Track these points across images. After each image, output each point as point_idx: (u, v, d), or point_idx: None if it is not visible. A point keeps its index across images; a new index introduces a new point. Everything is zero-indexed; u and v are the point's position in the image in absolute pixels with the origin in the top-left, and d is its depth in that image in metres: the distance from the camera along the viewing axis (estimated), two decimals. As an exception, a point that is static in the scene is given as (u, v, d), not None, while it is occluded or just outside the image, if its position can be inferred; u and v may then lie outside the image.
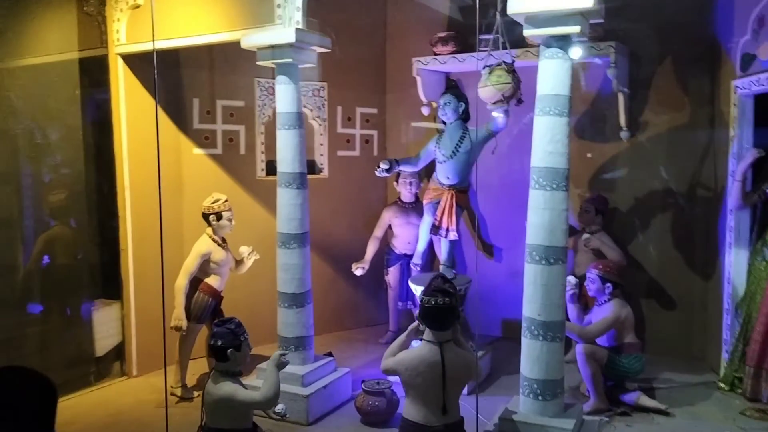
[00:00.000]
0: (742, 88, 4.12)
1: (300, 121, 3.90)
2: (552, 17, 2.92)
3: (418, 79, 5.19)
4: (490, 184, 5.34)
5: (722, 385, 4.18)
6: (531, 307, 3.12)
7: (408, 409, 2.98)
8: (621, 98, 4.76)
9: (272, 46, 3.74)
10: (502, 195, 5.35)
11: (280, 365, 3.18)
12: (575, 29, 2.91)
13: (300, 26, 3.69)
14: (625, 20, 4.62)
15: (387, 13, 5.88)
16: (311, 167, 5.60)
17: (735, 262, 4.24)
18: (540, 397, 3.11)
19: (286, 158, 3.89)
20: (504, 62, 3.85)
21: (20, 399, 1.77)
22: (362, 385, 3.87)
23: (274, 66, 3.87)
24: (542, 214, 3.07)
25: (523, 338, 3.18)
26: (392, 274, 5.35)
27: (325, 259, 5.58)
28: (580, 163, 5.14)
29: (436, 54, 5.09)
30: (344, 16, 5.44)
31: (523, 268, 3.23)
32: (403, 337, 3.15)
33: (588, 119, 5.09)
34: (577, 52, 3.05)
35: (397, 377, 3.01)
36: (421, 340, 2.97)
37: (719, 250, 4.50)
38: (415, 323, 3.11)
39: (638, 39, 4.76)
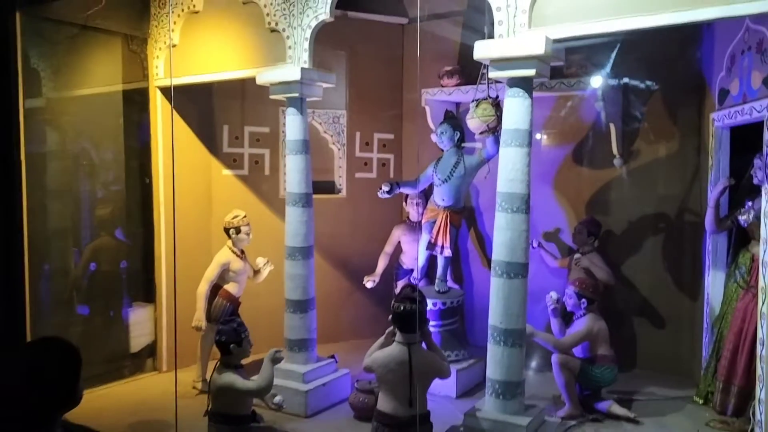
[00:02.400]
0: (718, 120, 4.41)
1: (306, 147, 4.41)
2: (510, 62, 3.34)
3: (427, 108, 5.65)
4: (492, 206, 5.71)
5: (696, 398, 4.42)
6: (494, 316, 3.51)
7: (381, 401, 3.42)
8: (613, 128, 5.09)
9: (282, 83, 4.28)
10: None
11: (275, 360, 3.67)
12: (531, 72, 3.32)
13: (306, 65, 4.22)
14: (617, 55, 4.96)
15: (404, 46, 6.36)
16: (331, 188, 6.14)
17: (712, 283, 4.50)
18: (501, 397, 3.48)
19: (294, 180, 4.41)
20: (489, 97, 4.28)
21: (47, 363, 2.05)
22: (356, 384, 4.31)
23: (285, 99, 4.41)
24: (504, 234, 3.47)
25: (488, 344, 3.56)
26: (401, 287, 5.76)
27: (342, 271, 6.06)
28: (577, 187, 5.50)
29: (442, 86, 5.54)
30: (364, 48, 5.97)
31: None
32: (381, 339, 3.59)
33: (584, 148, 5.43)
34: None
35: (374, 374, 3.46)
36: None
37: (702, 272, 4.75)
38: (391, 327, 3.54)
39: (630, 73, 5.09)
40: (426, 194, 5.59)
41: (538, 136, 5.59)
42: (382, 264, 5.77)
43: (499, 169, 3.53)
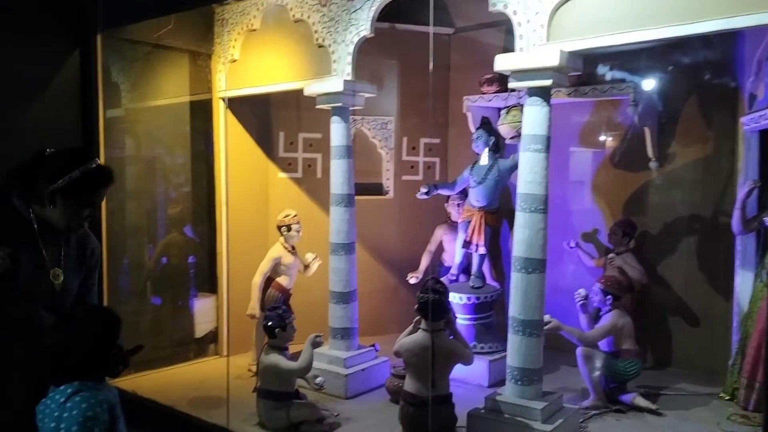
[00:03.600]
0: (747, 124, 4.52)
1: (349, 152, 4.82)
2: (528, 73, 3.63)
3: (468, 114, 5.95)
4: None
5: (723, 395, 4.54)
6: (514, 308, 3.79)
7: (407, 383, 3.78)
8: (647, 132, 5.25)
9: (327, 94, 4.71)
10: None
11: (315, 344, 4.09)
12: (547, 83, 3.59)
13: (349, 78, 4.62)
14: (651, 60, 5.13)
15: (450, 54, 6.68)
16: (379, 189, 6.54)
17: (741, 283, 4.61)
18: (519, 383, 3.76)
19: (338, 182, 4.83)
20: (519, 104, 4.56)
21: (89, 325, 2.40)
22: (392, 370, 4.68)
23: (330, 109, 4.83)
24: (523, 232, 3.74)
25: (508, 334, 3.85)
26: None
27: (388, 268, 6.44)
28: (613, 189, 5.68)
29: (483, 93, 5.82)
30: (412, 58, 6.32)
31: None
32: (410, 327, 3.94)
33: (621, 151, 5.59)
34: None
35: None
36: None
37: (733, 272, 4.85)
38: (418, 317, 3.89)
39: (664, 78, 5.23)
40: (466, 195, 5.89)
41: (575, 140, 5.81)
42: (425, 261, 6.10)
43: (519, 172, 3.82)
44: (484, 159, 5.16)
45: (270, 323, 4.07)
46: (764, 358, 4.02)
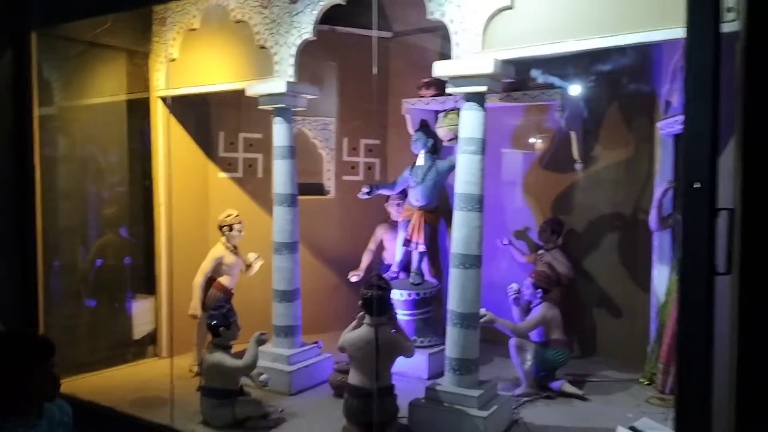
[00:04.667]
0: (663, 129, 4.89)
1: (292, 153, 4.91)
2: (464, 79, 3.83)
3: (407, 117, 6.13)
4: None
5: (642, 380, 4.90)
6: (452, 302, 3.99)
7: (351, 376, 3.91)
8: (573, 136, 5.57)
9: (269, 95, 4.78)
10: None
11: (259, 342, 4.16)
12: (482, 89, 3.80)
13: (292, 79, 4.71)
14: (578, 68, 5.45)
15: (389, 57, 6.85)
16: (320, 189, 6.64)
17: (658, 276, 4.99)
18: (457, 372, 3.97)
19: (280, 182, 4.91)
20: (456, 108, 4.76)
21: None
22: (335, 366, 4.80)
23: (272, 109, 4.90)
24: (461, 230, 3.95)
25: (447, 326, 4.04)
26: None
27: (330, 267, 6.54)
28: (543, 189, 5.99)
29: (421, 96, 6.01)
30: (352, 61, 6.45)
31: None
32: (354, 323, 4.07)
33: (549, 153, 5.91)
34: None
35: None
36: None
37: (651, 266, 5.23)
38: (362, 312, 4.02)
39: (590, 85, 5.56)
40: (406, 195, 6.07)
41: (508, 142, 6.09)
42: (366, 260, 6.25)
43: (456, 173, 4.01)
44: (421, 160, 5.35)
45: (214, 322, 4.12)
46: (678, 345, 4.37)
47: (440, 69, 3.90)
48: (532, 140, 6.01)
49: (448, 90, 3.96)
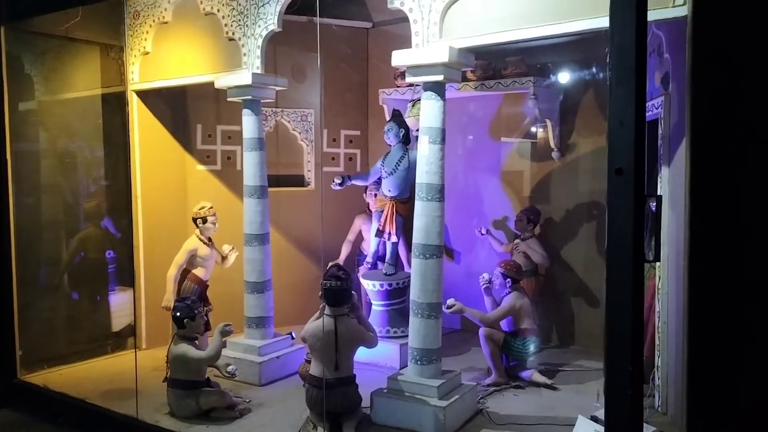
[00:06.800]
0: (634, 116, 4.83)
1: (261, 144, 4.91)
2: (422, 68, 3.81)
3: (385, 107, 6.12)
4: (449, 197, 6.18)
5: (614, 369, 4.87)
6: (413, 292, 3.98)
7: (312, 366, 3.92)
8: (549, 124, 5.54)
9: (236, 86, 4.78)
10: (460, 207, 6.18)
11: (224, 333, 4.18)
12: (439, 78, 3.78)
13: (258, 71, 4.70)
14: (553, 56, 5.41)
15: (368, 48, 6.83)
16: (300, 181, 6.64)
17: (631, 265, 4.93)
18: (419, 362, 3.97)
19: (250, 174, 4.91)
20: (424, 97, 4.73)
21: None
22: (306, 356, 4.80)
23: (241, 101, 4.90)
24: (421, 220, 3.94)
25: (409, 317, 4.04)
26: (362, 272, 6.26)
27: (310, 258, 6.55)
28: (521, 179, 5.96)
29: (397, 86, 6.00)
30: (332, 51, 6.44)
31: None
32: (316, 314, 4.08)
33: (526, 142, 5.88)
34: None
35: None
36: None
37: (626, 255, 5.18)
38: (323, 303, 4.03)
39: (565, 73, 5.52)
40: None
41: (486, 132, 6.06)
42: (345, 251, 6.26)
43: (416, 163, 4.00)
44: (394, 150, 5.33)
45: (178, 314, 4.14)
46: (651, 334, 4.35)
47: (398, 58, 3.88)
48: (510, 129, 5.97)
49: (408, 80, 3.94)
